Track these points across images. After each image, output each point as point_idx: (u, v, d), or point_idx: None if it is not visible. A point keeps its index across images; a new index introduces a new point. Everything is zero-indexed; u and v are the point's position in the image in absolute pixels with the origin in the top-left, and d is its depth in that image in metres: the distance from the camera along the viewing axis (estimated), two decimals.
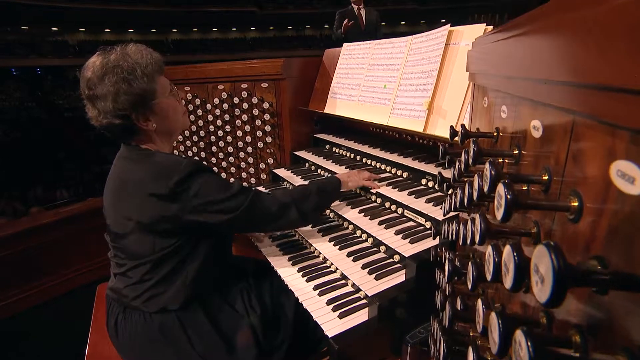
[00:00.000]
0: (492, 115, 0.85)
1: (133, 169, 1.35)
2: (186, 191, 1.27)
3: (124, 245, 1.36)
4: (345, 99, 2.14)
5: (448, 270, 0.66)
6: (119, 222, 1.35)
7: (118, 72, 1.25)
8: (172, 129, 1.46)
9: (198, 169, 1.30)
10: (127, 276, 1.37)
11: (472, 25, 1.45)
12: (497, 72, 0.73)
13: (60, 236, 3.06)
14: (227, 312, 1.43)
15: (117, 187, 1.38)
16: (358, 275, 1.42)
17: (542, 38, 0.45)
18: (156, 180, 1.27)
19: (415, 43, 1.73)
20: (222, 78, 2.45)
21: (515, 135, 0.64)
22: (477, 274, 0.54)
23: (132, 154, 1.37)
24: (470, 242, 0.61)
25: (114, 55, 1.29)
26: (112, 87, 1.25)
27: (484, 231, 0.51)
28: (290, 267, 1.60)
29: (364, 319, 1.30)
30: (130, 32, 29.32)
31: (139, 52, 1.33)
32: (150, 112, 1.34)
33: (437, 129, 1.53)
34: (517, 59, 0.60)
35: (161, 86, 1.36)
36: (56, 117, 19.39)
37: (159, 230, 1.29)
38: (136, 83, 1.27)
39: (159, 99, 1.35)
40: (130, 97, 1.27)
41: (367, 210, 1.70)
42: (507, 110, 0.72)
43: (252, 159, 2.54)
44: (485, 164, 0.51)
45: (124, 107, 1.27)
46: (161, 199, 1.26)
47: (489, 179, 0.48)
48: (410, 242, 1.42)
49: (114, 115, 1.28)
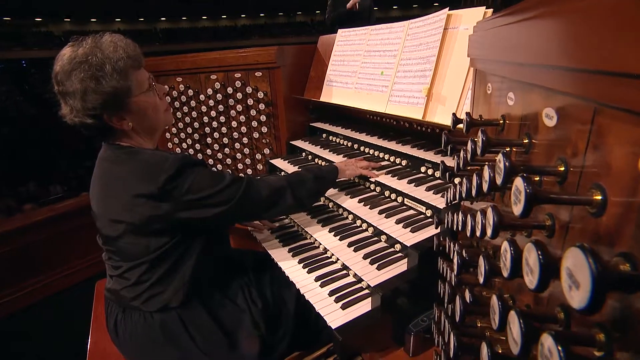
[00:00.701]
0: (497, 102, 0.83)
1: (116, 170, 1.28)
2: (177, 188, 1.21)
3: (117, 248, 1.32)
4: (342, 87, 2.10)
5: (457, 264, 0.64)
6: (109, 225, 1.30)
7: (85, 68, 1.15)
8: (152, 128, 1.37)
9: (186, 163, 1.24)
10: (124, 278, 1.34)
11: (471, 9, 1.41)
12: (504, 58, 0.71)
13: (55, 232, 3.02)
14: (228, 307, 1.42)
15: (102, 190, 1.32)
16: (360, 265, 1.41)
17: (561, 21, 0.43)
18: (143, 180, 1.21)
19: (412, 28, 1.69)
20: (215, 68, 2.39)
21: (525, 123, 0.62)
22: (489, 269, 0.52)
23: (113, 154, 1.30)
24: (480, 234, 0.59)
25: (82, 49, 1.18)
26: (80, 85, 1.15)
27: (497, 224, 0.50)
28: (291, 259, 1.59)
29: (366, 310, 1.30)
30: (117, 21, 28.69)
31: (112, 44, 1.21)
32: (124, 111, 1.25)
33: (436, 116, 1.51)
34: (529, 44, 0.57)
35: (137, 82, 1.26)
36: (45, 111, 19.05)
37: (151, 230, 1.25)
38: (105, 81, 1.17)
39: (134, 96, 1.25)
40: (100, 95, 1.17)
41: (366, 200, 1.69)
42: (514, 97, 0.69)
43: (247, 150, 2.50)
44: (498, 156, 0.49)
45: (94, 106, 1.17)
46: (150, 198, 1.20)
47: (503, 171, 0.46)
48: (411, 231, 1.41)
49: (84, 115, 1.19)
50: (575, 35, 0.39)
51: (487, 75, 0.92)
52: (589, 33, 0.36)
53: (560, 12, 0.44)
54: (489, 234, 0.50)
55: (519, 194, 0.40)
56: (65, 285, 3.06)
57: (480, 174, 0.64)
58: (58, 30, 25.96)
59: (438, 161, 1.59)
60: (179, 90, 2.54)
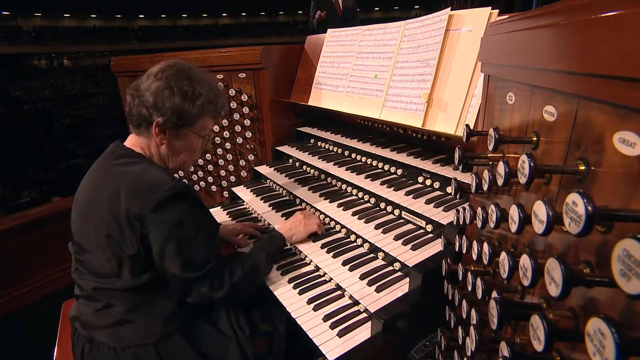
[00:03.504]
0: (525, 115, 0.72)
1: (120, 169, 1.19)
2: (161, 217, 1.12)
3: (89, 260, 1.20)
4: (332, 90, 1.98)
5: (498, 312, 0.53)
6: (88, 231, 1.19)
7: (179, 85, 1.22)
8: (174, 163, 1.32)
9: (182, 195, 1.15)
10: (93, 299, 1.20)
11: (475, 9, 1.31)
12: (540, 65, 0.60)
13: (25, 242, 2.78)
14: (212, 335, 1.28)
15: (93, 191, 1.21)
16: (356, 287, 1.29)
17: None
18: (132, 195, 1.11)
19: (409, 29, 1.58)
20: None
21: (579, 143, 0.52)
22: (551, 332, 0.41)
23: (121, 154, 1.24)
24: (530, 284, 0.48)
25: (196, 72, 1.27)
26: (167, 91, 1.20)
27: (567, 279, 0.38)
28: (280, 277, 1.46)
29: (366, 337, 1.18)
30: (92, 17, 27.75)
31: (223, 87, 1.32)
32: (172, 131, 1.24)
33: (437, 124, 1.40)
34: (585, 49, 0.46)
35: (203, 125, 1.30)
36: (14, 109, 18.16)
37: (129, 254, 1.13)
38: (191, 103, 1.22)
39: (190, 130, 1.27)
40: (172, 107, 1.20)
41: (360, 212, 1.57)
42: (556, 112, 0.59)
43: (230, 156, 2.35)
44: (571, 196, 0.37)
45: (158, 105, 1.20)
46: (133, 218, 1.11)
47: (584, 221, 0.35)
48: (412, 249, 1.31)
49: (143, 106, 1.21)
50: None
51: (507, 83, 0.82)
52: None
53: None
54: (556, 294, 0.39)
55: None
56: (32, 299, 2.82)
57: (522, 210, 0.52)
58: (28, 25, 24.81)
59: (437, 171, 1.49)
60: None
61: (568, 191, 0.55)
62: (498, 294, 0.62)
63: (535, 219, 0.48)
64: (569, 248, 0.54)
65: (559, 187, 0.58)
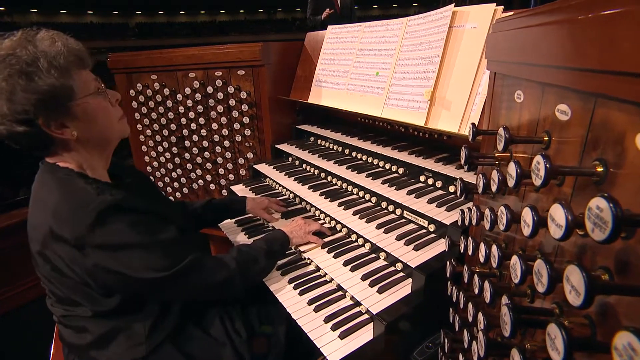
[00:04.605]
0: (534, 114, 0.70)
1: (44, 195, 1.06)
2: (95, 238, 0.99)
3: (50, 289, 1.12)
4: (332, 88, 1.96)
5: (511, 319, 0.51)
6: (39, 268, 1.10)
7: (12, 62, 0.94)
8: (103, 138, 1.13)
9: (113, 209, 1.01)
10: (66, 325, 1.15)
11: (479, 6, 1.29)
12: (556, 62, 0.58)
13: (23, 240, 2.72)
14: (206, 343, 1.24)
15: (31, 217, 1.10)
16: (358, 288, 1.27)
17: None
18: (64, 221, 1.00)
19: (411, 26, 1.55)
20: (194, 65, 2.20)
21: (596, 144, 0.49)
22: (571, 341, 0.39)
23: (47, 176, 1.07)
24: (545, 291, 0.46)
25: (9, 42, 0.97)
26: (5, 83, 0.94)
27: (588, 289, 0.36)
28: (280, 278, 1.44)
29: (368, 339, 1.17)
30: (89, 13, 27.54)
31: (49, 39, 1.01)
32: (66, 117, 1.02)
33: (440, 122, 1.38)
34: (605, 46, 0.44)
35: (81, 83, 1.04)
36: None
37: (81, 284, 1.05)
38: (39, 77, 0.96)
39: (79, 99, 1.03)
40: (32, 95, 0.95)
41: (361, 212, 1.55)
42: (570, 111, 0.57)
43: (229, 154, 2.32)
44: (595, 200, 0.35)
45: (25, 109, 0.95)
46: (66, 243, 0.99)
47: (610, 230, 0.33)
48: (414, 249, 1.28)
49: (13, 120, 0.96)
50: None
51: (515, 80, 0.80)
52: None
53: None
54: (577, 304, 0.37)
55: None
56: (25, 299, 2.78)
57: (535, 213, 0.50)
58: (24, 22, 24.60)
59: (439, 170, 1.47)
60: (153, 89, 2.33)
61: (583, 193, 0.54)
62: (509, 299, 0.59)
63: (552, 223, 0.46)
64: (584, 252, 0.52)
65: (572, 189, 0.56)
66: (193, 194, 2.54)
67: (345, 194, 1.72)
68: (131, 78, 2.37)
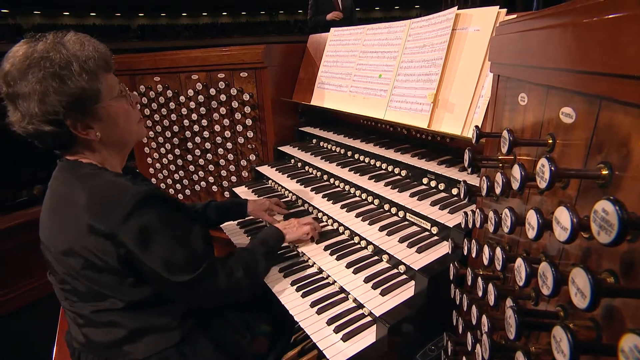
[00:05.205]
0: (538, 116, 0.70)
1: (71, 194, 1.07)
2: (132, 227, 1.01)
3: (74, 286, 1.11)
4: (335, 90, 1.96)
5: (516, 322, 0.51)
6: (64, 269, 1.10)
7: (47, 65, 0.98)
8: (122, 140, 1.18)
9: (151, 199, 1.04)
10: (93, 324, 1.13)
11: (482, 8, 1.29)
12: (561, 65, 0.58)
13: (24, 241, 2.73)
14: (229, 330, 1.29)
15: (54, 216, 1.11)
16: (361, 290, 1.27)
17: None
18: (97, 214, 1.02)
19: (414, 28, 1.56)
20: (196, 67, 2.21)
21: (601, 147, 0.50)
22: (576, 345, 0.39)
23: (71, 172, 1.10)
24: (550, 294, 0.46)
25: (42, 45, 1.01)
26: (39, 85, 0.97)
27: (594, 291, 0.36)
28: (282, 280, 1.44)
29: (371, 341, 1.16)
30: (92, 15, 27.67)
31: (79, 42, 1.05)
32: (92, 118, 1.07)
33: (443, 125, 1.38)
34: (612, 49, 0.44)
35: (107, 86, 1.10)
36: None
37: (115, 271, 1.06)
38: (72, 80, 1.00)
39: (104, 101, 1.08)
40: (64, 97, 0.99)
41: (364, 214, 1.55)
42: (575, 114, 0.57)
43: (232, 156, 2.33)
44: (601, 203, 0.35)
45: (56, 110, 0.99)
46: (103, 236, 1.01)
47: (615, 232, 0.33)
48: (417, 252, 1.28)
49: (42, 121, 1.00)
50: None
51: (519, 83, 0.80)
52: None
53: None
54: (583, 306, 0.37)
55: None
56: (27, 301, 2.79)
57: (540, 216, 0.50)
58: (27, 24, 24.72)
59: (442, 172, 1.47)
60: (156, 91, 2.34)
61: (587, 196, 0.54)
62: (513, 302, 0.59)
63: (557, 226, 0.46)
64: (589, 255, 0.52)
65: (577, 192, 0.56)
66: (195, 196, 2.55)
67: (347, 196, 1.72)
68: (134, 80, 2.38)
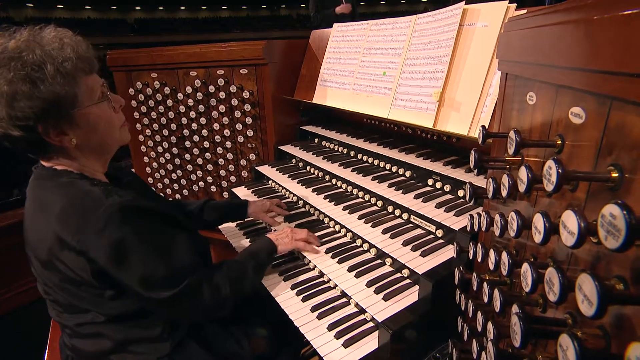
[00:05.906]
0: (547, 117, 0.67)
1: (47, 200, 1.01)
2: (101, 246, 0.95)
3: (59, 300, 1.07)
4: (338, 88, 1.92)
5: (521, 329, 0.48)
6: (44, 279, 1.06)
7: (17, 67, 0.89)
8: (102, 147, 1.09)
9: (125, 211, 0.96)
10: (79, 335, 1.10)
11: (490, 3, 1.25)
12: (572, 64, 0.55)
13: (16, 241, 2.68)
14: (224, 337, 1.25)
15: (32, 224, 1.05)
16: (363, 294, 1.24)
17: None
18: (67, 230, 0.95)
19: (420, 24, 1.51)
20: (195, 63, 2.16)
21: (612, 149, 0.47)
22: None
23: (46, 179, 1.03)
24: (557, 300, 0.43)
25: (14, 42, 0.91)
26: (7, 87, 0.88)
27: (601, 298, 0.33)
28: (282, 283, 1.40)
29: (373, 348, 1.13)
30: (87, 9, 27.40)
31: (57, 40, 0.95)
32: (68, 125, 0.98)
33: (449, 124, 1.34)
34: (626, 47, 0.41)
35: (87, 90, 1.00)
36: None
37: (93, 284, 1.00)
38: (45, 84, 0.91)
39: (82, 107, 0.99)
40: (35, 103, 0.90)
41: (367, 216, 1.51)
42: (585, 114, 0.53)
43: (231, 155, 2.28)
44: (608, 208, 0.32)
45: (26, 116, 0.91)
46: (71, 250, 0.95)
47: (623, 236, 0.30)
48: (421, 255, 1.25)
49: (11, 125, 0.92)
50: None
51: (528, 81, 0.76)
52: None
53: None
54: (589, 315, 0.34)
55: None
56: (19, 303, 2.74)
57: (547, 219, 0.47)
58: (19, 16, 24.41)
59: (448, 173, 1.44)
60: (153, 88, 2.29)
61: (597, 199, 0.51)
62: (519, 308, 0.57)
63: (564, 230, 0.44)
64: (598, 260, 0.50)
65: (586, 195, 0.53)
66: (193, 196, 2.51)
67: (350, 197, 1.68)
68: (130, 76, 2.33)
